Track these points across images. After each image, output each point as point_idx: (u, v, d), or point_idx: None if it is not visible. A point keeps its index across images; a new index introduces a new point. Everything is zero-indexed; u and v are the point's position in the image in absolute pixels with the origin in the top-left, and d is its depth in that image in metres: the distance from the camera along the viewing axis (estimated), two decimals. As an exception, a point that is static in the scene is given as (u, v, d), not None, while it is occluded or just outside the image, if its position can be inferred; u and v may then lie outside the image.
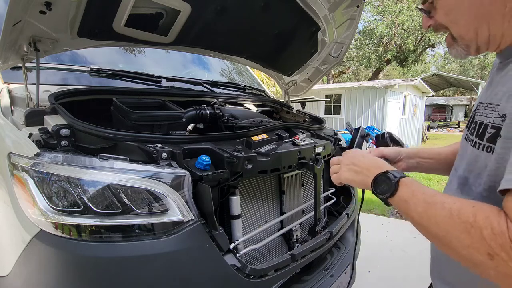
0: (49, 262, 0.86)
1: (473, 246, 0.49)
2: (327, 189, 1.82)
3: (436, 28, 0.76)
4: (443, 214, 0.55)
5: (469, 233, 0.50)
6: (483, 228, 0.49)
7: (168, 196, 0.92)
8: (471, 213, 0.51)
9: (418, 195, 0.61)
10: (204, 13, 1.53)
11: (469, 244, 0.50)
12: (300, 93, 2.52)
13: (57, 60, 1.56)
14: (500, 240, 0.46)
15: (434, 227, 0.57)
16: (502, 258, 0.46)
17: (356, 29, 1.93)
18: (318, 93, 10.60)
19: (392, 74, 28.94)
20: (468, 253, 0.51)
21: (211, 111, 1.59)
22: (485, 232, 0.48)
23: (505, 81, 0.63)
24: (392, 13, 14.38)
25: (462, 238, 0.51)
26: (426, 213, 0.58)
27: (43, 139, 0.95)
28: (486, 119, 0.65)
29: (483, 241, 0.48)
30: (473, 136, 0.69)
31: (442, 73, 22.44)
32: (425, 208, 0.59)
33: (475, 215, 0.51)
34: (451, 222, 0.53)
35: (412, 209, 0.61)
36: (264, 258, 1.35)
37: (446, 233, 0.54)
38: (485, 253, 0.48)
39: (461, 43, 0.71)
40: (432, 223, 0.57)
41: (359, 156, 0.80)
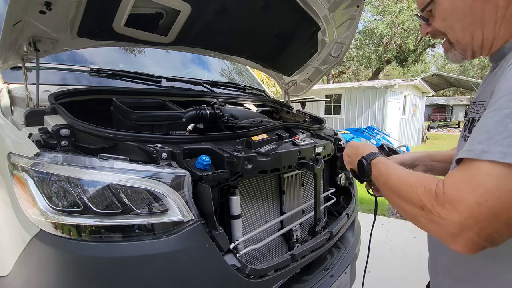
0: (49, 262, 0.86)
1: (412, 202, 0.63)
2: (327, 189, 1.82)
3: (434, 34, 0.81)
4: (394, 181, 0.70)
5: (408, 192, 0.64)
6: (418, 187, 0.61)
7: (168, 196, 0.92)
8: (414, 178, 0.65)
9: (382, 170, 0.76)
10: (204, 13, 1.53)
11: (409, 200, 0.63)
12: (300, 93, 2.52)
13: (57, 60, 1.56)
14: (427, 195, 0.59)
15: (391, 192, 0.71)
16: (428, 208, 0.58)
17: (356, 29, 1.92)
18: (318, 93, 10.60)
19: (392, 74, 28.93)
20: (410, 208, 0.64)
21: (211, 111, 1.59)
22: (419, 190, 0.61)
23: (494, 81, 0.68)
24: (392, 13, 14.38)
25: (405, 196, 0.65)
26: (386, 182, 0.73)
27: (43, 139, 0.95)
28: (476, 115, 0.73)
29: (417, 197, 0.61)
30: (466, 132, 0.76)
31: (442, 73, 22.45)
32: (385, 179, 0.74)
33: (417, 179, 0.64)
34: (400, 186, 0.67)
35: (379, 182, 0.77)
36: (264, 258, 1.35)
37: (397, 195, 0.69)
38: (418, 206, 0.61)
39: (458, 48, 0.77)
40: (389, 189, 0.72)
41: (353, 145, 0.95)
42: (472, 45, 0.74)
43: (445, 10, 0.74)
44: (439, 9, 0.75)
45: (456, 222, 0.53)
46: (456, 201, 0.53)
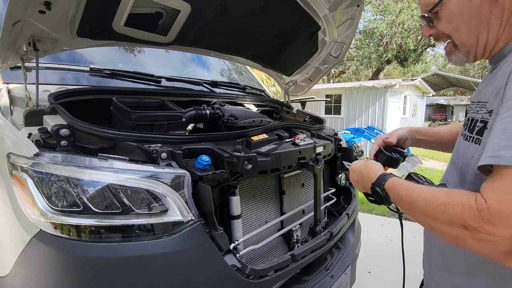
0: (49, 262, 0.86)
1: (451, 222, 0.59)
2: (327, 189, 1.82)
3: (437, 37, 0.81)
4: (422, 202, 0.66)
5: (444, 212, 0.60)
6: (455, 205, 0.58)
7: (168, 196, 0.92)
8: (444, 197, 0.62)
9: (402, 193, 0.73)
10: (204, 13, 1.53)
11: (447, 221, 0.60)
12: (300, 93, 2.51)
13: (57, 60, 1.55)
14: (469, 212, 0.56)
15: (421, 215, 0.68)
16: (473, 227, 0.55)
17: (356, 29, 1.92)
18: (318, 93, 10.59)
19: (393, 74, 28.91)
20: (449, 229, 0.61)
21: (211, 111, 1.59)
22: (457, 208, 0.58)
23: (493, 81, 0.70)
24: (392, 12, 14.36)
25: (441, 217, 0.61)
26: (411, 205, 0.70)
27: (42, 139, 0.95)
28: (476, 115, 0.73)
29: (457, 216, 0.58)
30: (466, 131, 0.78)
31: (443, 73, 22.44)
32: (409, 203, 0.70)
33: (449, 196, 0.61)
34: (431, 207, 0.64)
35: (402, 206, 0.74)
36: (264, 258, 1.35)
37: (429, 217, 0.65)
38: (460, 225, 0.57)
39: (462, 50, 0.77)
40: (418, 212, 0.68)
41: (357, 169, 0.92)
42: (477, 48, 0.74)
43: (452, 12, 0.73)
44: (446, 11, 0.74)
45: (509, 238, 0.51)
46: (506, 215, 0.51)
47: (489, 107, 0.68)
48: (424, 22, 0.81)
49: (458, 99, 32.07)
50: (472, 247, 0.58)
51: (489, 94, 0.70)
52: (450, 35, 0.77)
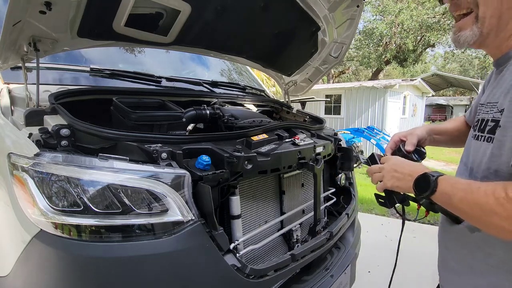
0: (49, 262, 0.86)
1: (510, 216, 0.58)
2: (327, 189, 1.82)
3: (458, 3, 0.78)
4: (480, 196, 0.64)
5: (503, 205, 0.59)
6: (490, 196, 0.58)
7: (168, 196, 0.92)
8: (502, 190, 0.60)
9: (457, 186, 0.70)
10: (204, 13, 1.53)
11: (507, 215, 0.59)
12: (300, 93, 2.52)
13: (57, 60, 1.56)
14: None
15: (475, 208, 0.65)
16: None
17: (356, 29, 1.92)
18: (318, 93, 10.59)
19: (392, 74, 28.92)
20: (508, 224, 0.60)
21: (211, 111, 1.59)
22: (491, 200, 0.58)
23: (501, 83, 0.72)
24: (392, 12, 14.36)
25: (499, 211, 0.60)
26: (466, 199, 0.67)
27: (43, 139, 0.95)
28: (487, 115, 0.75)
29: None
30: (476, 131, 0.79)
31: (442, 73, 22.45)
32: (464, 195, 0.68)
33: (506, 190, 0.60)
34: (488, 201, 0.62)
35: (454, 199, 0.70)
36: (264, 258, 1.35)
37: (485, 212, 0.63)
38: None
39: (479, 26, 0.75)
40: (473, 206, 0.66)
41: (400, 163, 0.88)
42: (493, 30, 0.74)
43: None
44: None
45: None
46: None
47: (499, 107, 0.70)
48: None
49: (457, 99, 32.09)
50: None
51: (499, 95, 0.72)
52: (479, 3, 0.74)
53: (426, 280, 2.53)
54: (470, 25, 0.77)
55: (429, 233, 3.61)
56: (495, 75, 0.80)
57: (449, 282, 0.90)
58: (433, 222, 3.97)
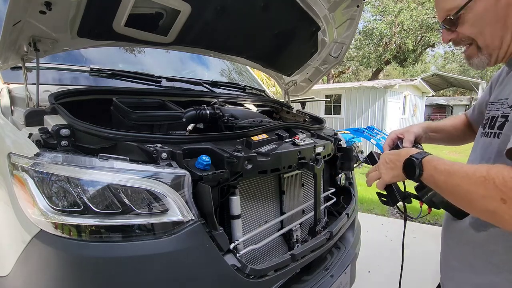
0: (49, 262, 0.86)
1: (488, 195, 0.59)
2: (327, 189, 1.82)
3: (458, 41, 0.81)
4: (461, 176, 0.65)
5: (483, 184, 0.60)
6: (495, 178, 0.58)
7: (168, 196, 0.92)
8: (484, 170, 0.61)
9: (440, 167, 0.70)
10: (204, 13, 1.53)
11: (485, 194, 0.59)
12: (300, 93, 2.52)
13: (57, 60, 1.56)
14: (510, 184, 0.55)
15: (457, 188, 0.66)
16: None
17: (356, 29, 1.92)
18: (318, 93, 10.59)
19: (392, 74, 28.93)
20: (485, 202, 0.60)
21: (211, 111, 1.59)
22: (497, 181, 0.57)
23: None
24: (391, 12, 14.37)
25: (479, 190, 0.60)
26: (449, 179, 0.67)
27: (43, 139, 0.95)
28: (497, 112, 0.76)
29: (496, 189, 0.57)
30: (487, 128, 0.80)
31: (442, 73, 22.46)
32: (447, 176, 0.68)
33: (488, 171, 0.61)
34: (469, 180, 0.63)
35: (438, 180, 0.70)
36: (264, 258, 1.35)
37: (466, 191, 0.64)
38: (498, 199, 0.57)
39: (485, 52, 0.78)
40: (454, 186, 0.66)
41: (389, 154, 0.88)
42: (500, 50, 0.76)
43: (478, 14, 0.74)
44: (471, 14, 0.74)
45: None
46: None
47: (509, 102, 0.72)
48: (444, 26, 0.80)
49: (457, 99, 32.09)
50: (506, 222, 0.58)
51: (509, 91, 0.74)
52: (475, 38, 0.77)
53: (426, 280, 2.53)
54: (476, 54, 0.79)
55: (429, 233, 3.61)
56: (506, 74, 0.81)
57: (450, 279, 0.90)
58: (433, 222, 3.97)
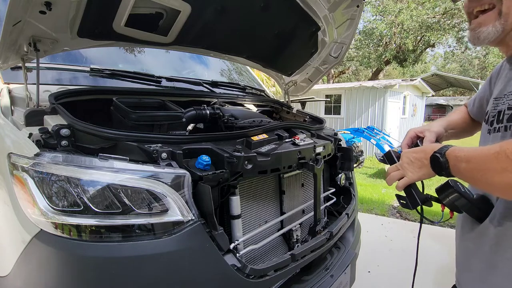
0: (49, 262, 0.86)
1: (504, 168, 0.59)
2: (327, 189, 1.82)
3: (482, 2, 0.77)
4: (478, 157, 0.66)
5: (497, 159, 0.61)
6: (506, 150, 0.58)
7: (168, 196, 0.92)
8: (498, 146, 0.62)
9: (460, 154, 0.71)
10: (204, 13, 1.53)
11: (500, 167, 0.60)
12: (300, 93, 2.52)
13: (57, 60, 1.56)
14: None
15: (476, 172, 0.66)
16: None
17: (356, 29, 1.92)
18: (318, 93, 10.59)
19: (392, 74, 28.94)
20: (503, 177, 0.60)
21: (211, 111, 1.59)
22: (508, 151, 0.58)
23: None
24: (391, 12, 14.37)
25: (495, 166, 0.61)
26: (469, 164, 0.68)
27: (43, 139, 0.95)
28: (502, 106, 0.75)
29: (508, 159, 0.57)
30: (493, 125, 0.79)
31: (442, 73, 22.46)
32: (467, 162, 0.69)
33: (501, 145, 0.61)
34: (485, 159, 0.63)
35: (460, 167, 0.71)
36: (264, 258, 1.35)
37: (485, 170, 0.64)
38: None
39: (502, 22, 0.74)
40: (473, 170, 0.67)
41: (413, 153, 0.86)
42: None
43: None
44: None
45: None
46: None
47: None
48: None
49: (457, 99, 32.10)
50: None
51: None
52: None
53: (426, 280, 2.53)
54: (493, 21, 0.75)
55: (429, 233, 3.61)
56: (509, 71, 0.80)
57: (472, 283, 0.88)
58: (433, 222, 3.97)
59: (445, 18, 14.71)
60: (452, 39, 16.24)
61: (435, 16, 14.89)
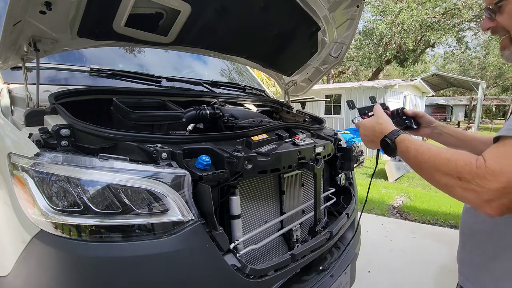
0: (49, 262, 0.86)
1: (449, 173, 0.71)
2: (327, 189, 1.82)
3: (496, 31, 0.86)
4: (428, 156, 0.78)
5: (446, 165, 0.72)
6: (457, 160, 0.70)
7: (168, 196, 0.92)
8: (449, 154, 0.74)
9: (411, 147, 0.84)
10: (204, 13, 1.53)
11: (446, 172, 0.72)
12: (300, 93, 2.52)
13: (57, 60, 1.56)
14: (468, 168, 0.67)
15: (423, 165, 0.79)
16: (466, 179, 0.67)
17: (356, 29, 1.92)
18: (318, 93, 10.60)
19: (392, 74, 28.95)
20: (446, 179, 0.73)
21: (211, 111, 1.59)
22: (459, 163, 0.70)
23: None
24: (391, 12, 14.37)
25: (441, 169, 0.73)
26: (417, 158, 0.81)
27: (43, 139, 0.95)
28: None
29: (457, 169, 0.69)
30: None
31: (442, 73, 22.45)
32: (414, 155, 0.82)
33: (453, 154, 0.73)
34: (436, 160, 0.75)
35: (408, 157, 0.85)
36: (264, 258, 1.35)
37: (431, 168, 0.77)
38: (456, 177, 0.70)
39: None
40: (421, 163, 0.80)
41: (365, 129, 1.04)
42: None
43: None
44: (510, 6, 0.77)
45: (494, 190, 0.63)
46: (499, 173, 0.63)
47: None
48: (487, 14, 0.84)
49: (457, 99, 32.11)
50: (459, 195, 0.71)
51: None
52: (509, 29, 0.80)
53: (426, 280, 2.53)
54: (508, 45, 0.84)
55: (429, 233, 3.61)
56: None
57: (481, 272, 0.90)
58: (433, 222, 3.97)
59: (445, 18, 14.71)
60: (452, 39, 16.22)
61: (435, 16, 14.89)
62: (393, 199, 4.89)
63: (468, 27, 15.35)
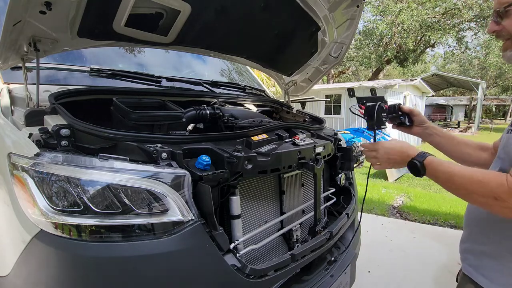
0: (49, 262, 0.86)
1: (486, 195, 0.79)
2: (327, 189, 1.82)
3: (500, 34, 0.90)
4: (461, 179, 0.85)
5: (482, 187, 0.80)
6: (490, 182, 0.78)
7: (168, 196, 0.92)
8: (481, 176, 0.82)
9: (440, 169, 0.91)
10: (204, 13, 1.53)
11: (482, 194, 0.80)
12: (300, 93, 2.52)
13: (57, 60, 1.56)
14: (502, 188, 0.76)
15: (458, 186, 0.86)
16: (502, 199, 0.76)
17: (356, 29, 1.92)
18: (318, 93, 10.60)
19: (392, 74, 28.96)
20: (484, 200, 0.81)
21: (211, 111, 1.59)
22: (492, 184, 0.78)
23: None
24: (392, 12, 14.37)
25: (478, 192, 0.81)
26: (450, 179, 0.88)
27: (43, 139, 0.95)
28: None
29: (492, 191, 0.78)
30: None
31: (442, 73, 22.45)
32: (448, 177, 0.89)
33: (484, 176, 0.81)
34: (469, 183, 0.83)
35: (439, 178, 0.92)
36: (264, 258, 1.35)
37: (467, 191, 0.85)
38: (492, 197, 0.78)
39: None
40: (454, 184, 0.87)
41: (390, 149, 1.07)
42: None
43: None
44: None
45: None
46: None
47: None
48: (494, 17, 0.88)
49: (457, 99, 32.12)
50: (496, 211, 0.80)
51: None
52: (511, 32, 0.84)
53: (426, 280, 2.53)
54: (510, 47, 0.89)
55: (429, 233, 3.61)
56: None
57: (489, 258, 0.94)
58: (433, 222, 3.97)
59: (445, 18, 14.72)
60: (452, 39, 16.23)
61: (435, 16, 14.90)
62: (393, 199, 4.89)
63: (468, 27, 15.35)
